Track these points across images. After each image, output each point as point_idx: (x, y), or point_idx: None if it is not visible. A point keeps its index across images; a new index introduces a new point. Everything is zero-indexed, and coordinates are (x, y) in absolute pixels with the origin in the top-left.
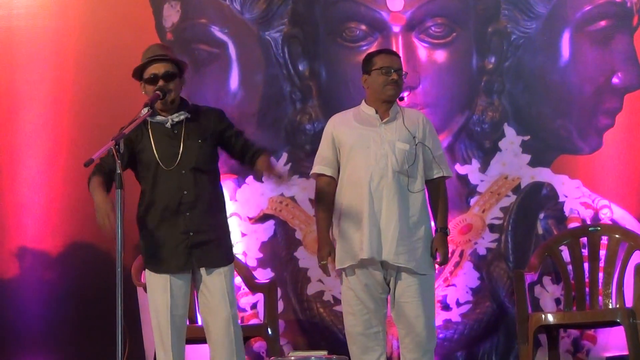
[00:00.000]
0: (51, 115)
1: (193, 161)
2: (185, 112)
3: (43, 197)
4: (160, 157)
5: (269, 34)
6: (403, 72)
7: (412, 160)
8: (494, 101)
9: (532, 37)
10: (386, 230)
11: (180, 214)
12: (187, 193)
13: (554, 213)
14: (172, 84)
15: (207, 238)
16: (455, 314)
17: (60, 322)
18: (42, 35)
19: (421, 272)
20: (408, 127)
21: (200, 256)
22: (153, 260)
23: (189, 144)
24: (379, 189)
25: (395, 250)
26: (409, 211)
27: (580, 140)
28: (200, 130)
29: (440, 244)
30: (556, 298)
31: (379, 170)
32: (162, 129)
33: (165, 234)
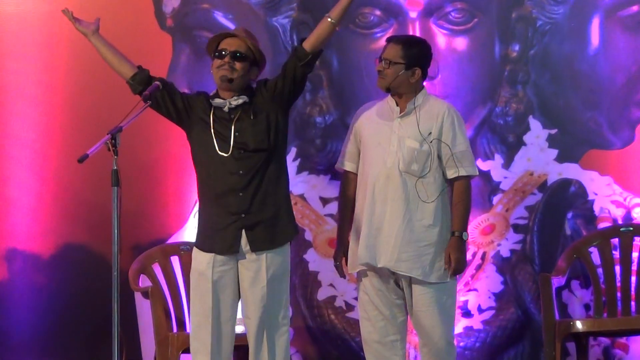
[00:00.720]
0: (42, 107)
1: (250, 142)
2: (246, 96)
3: (33, 195)
4: (218, 143)
5: (277, 20)
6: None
7: (422, 159)
8: (518, 92)
9: (560, 23)
10: (388, 234)
11: (233, 194)
12: (242, 173)
13: (583, 212)
14: (238, 64)
15: (259, 219)
16: (476, 321)
17: (53, 329)
18: (32, 22)
19: (430, 281)
20: (422, 122)
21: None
22: (202, 240)
23: (243, 125)
24: (384, 190)
25: (397, 257)
26: (417, 214)
27: (611, 134)
28: (255, 108)
29: (453, 249)
30: (585, 303)
31: (386, 170)
32: (221, 112)
33: (216, 213)
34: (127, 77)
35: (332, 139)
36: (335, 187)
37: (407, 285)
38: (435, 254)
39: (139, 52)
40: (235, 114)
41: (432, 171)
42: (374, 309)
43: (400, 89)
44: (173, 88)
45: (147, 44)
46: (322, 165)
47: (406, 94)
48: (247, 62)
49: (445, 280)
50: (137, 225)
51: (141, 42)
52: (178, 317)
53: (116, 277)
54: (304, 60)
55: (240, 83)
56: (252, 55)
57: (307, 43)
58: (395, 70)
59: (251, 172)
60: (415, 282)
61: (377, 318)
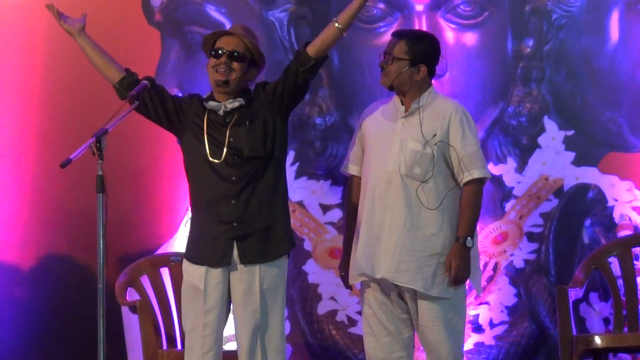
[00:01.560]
0: (21, 107)
1: (245, 149)
2: (242, 99)
3: (9, 202)
4: (210, 149)
5: (273, 14)
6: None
7: (425, 163)
8: (532, 91)
9: (576, 16)
10: (387, 243)
11: (225, 201)
12: (235, 179)
13: (602, 219)
14: (236, 64)
15: (252, 229)
16: (488, 337)
17: (34, 346)
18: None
19: (432, 294)
20: (426, 123)
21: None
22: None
23: (238, 131)
24: (384, 196)
25: (396, 267)
26: (419, 222)
27: (632, 135)
28: (251, 113)
29: (455, 256)
30: (605, 317)
31: (387, 174)
32: (215, 116)
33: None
34: (114, 82)
35: (333, 141)
36: (336, 193)
37: (411, 299)
38: (438, 265)
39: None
40: (230, 118)
41: (436, 175)
42: (378, 324)
43: (404, 87)
44: (163, 90)
45: (134, 40)
46: (322, 170)
47: (411, 93)
48: (245, 62)
49: (447, 294)
50: (125, 234)
51: (128, 38)
52: (168, 333)
53: (102, 290)
54: (307, 65)
55: (237, 85)
56: (251, 55)
57: (311, 48)
58: (399, 66)
59: (245, 179)
60: (420, 295)
61: (382, 333)
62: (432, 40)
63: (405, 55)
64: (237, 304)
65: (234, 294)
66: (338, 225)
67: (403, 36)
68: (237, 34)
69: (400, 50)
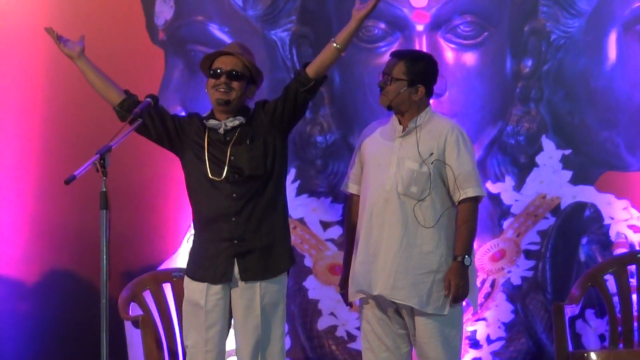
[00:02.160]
0: (26, 125)
1: (245, 168)
2: (242, 117)
3: (14, 217)
4: (210, 168)
5: (275, 34)
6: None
7: (421, 181)
8: (530, 110)
9: (575, 37)
10: (384, 261)
11: (226, 219)
12: (236, 196)
13: (599, 237)
14: (235, 84)
15: (252, 247)
16: (485, 353)
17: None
18: (17, 36)
19: (428, 311)
20: (422, 142)
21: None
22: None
23: (239, 150)
24: (382, 214)
25: (392, 285)
26: (416, 240)
27: (629, 155)
28: (252, 132)
29: (454, 275)
30: (600, 334)
31: (384, 193)
32: (216, 134)
33: (208, 239)
34: (115, 104)
35: (334, 159)
36: (336, 211)
37: (408, 315)
38: (434, 282)
39: (129, 67)
40: (231, 136)
41: (432, 194)
42: (377, 340)
43: (402, 107)
44: (163, 110)
45: (138, 58)
46: (323, 187)
47: (409, 112)
48: (244, 80)
49: (443, 311)
50: (127, 250)
51: (131, 57)
52: (170, 348)
53: (105, 305)
54: (307, 86)
55: (237, 103)
56: (249, 73)
57: (311, 69)
58: (397, 86)
59: (246, 196)
60: (417, 312)
61: (380, 349)
62: (429, 60)
63: (404, 75)
64: (238, 319)
65: (235, 310)
66: (338, 242)
67: (401, 57)
68: (235, 53)
69: (398, 71)
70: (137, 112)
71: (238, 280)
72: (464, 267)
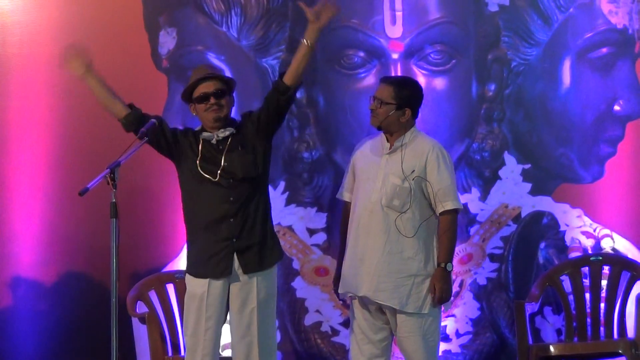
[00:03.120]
0: (44, 143)
1: (238, 171)
2: (232, 127)
3: (36, 225)
4: (204, 170)
5: (266, 61)
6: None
7: (403, 196)
8: (494, 129)
9: (533, 64)
10: (368, 265)
11: (225, 220)
12: (233, 200)
13: (555, 242)
14: (223, 100)
15: (250, 243)
16: (455, 345)
17: (54, 354)
18: (36, 63)
19: (408, 311)
20: (406, 160)
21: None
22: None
23: (231, 156)
24: (368, 224)
25: (376, 287)
26: (397, 247)
27: (581, 169)
28: (242, 140)
29: (437, 280)
30: (557, 329)
31: (370, 204)
32: (209, 144)
33: (208, 239)
34: (120, 117)
35: (319, 173)
36: (321, 219)
37: (390, 313)
38: (413, 285)
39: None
40: (224, 144)
41: (413, 207)
42: (361, 332)
43: (391, 128)
44: (163, 123)
45: (144, 84)
46: (309, 198)
47: (397, 132)
48: (227, 94)
49: (421, 310)
50: (135, 254)
51: (138, 82)
52: (173, 342)
53: (114, 303)
54: (285, 94)
55: (228, 116)
56: (226, 86)
57: (287, 77)
58: (386, 110)
59: (241, 199)
60: (398, 310)
61: (364, 341)
62: (415, 86)
63: (392, 100)
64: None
65: (232, 303)
66: (323, 247)
67: (390, 82)
68: (210, 76)
69: (387, 95)
70: (144, 131)
71: (239, 274)
72: (446, 272)
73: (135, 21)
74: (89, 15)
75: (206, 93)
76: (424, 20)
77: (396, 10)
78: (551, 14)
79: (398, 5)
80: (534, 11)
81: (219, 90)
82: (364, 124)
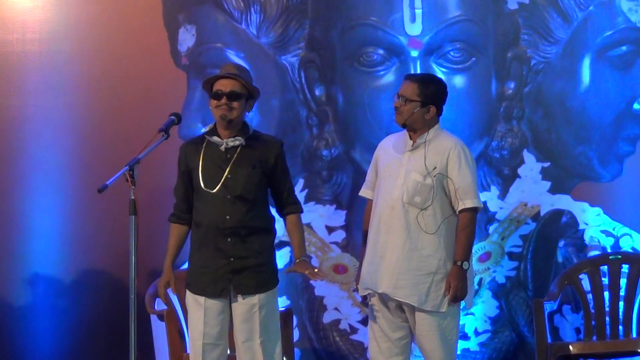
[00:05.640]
0: (64, 141)
1: (239, 188)
2: (243, 138)
3: (55, 223)
4: (205, 179)
5: (285, 59)
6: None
7: (425, 192)
8: (513, 127)
9: (552, 62)
10: (388, 262)
11: (222, 239)
12: (229, 218)
13: (574, 241)
14: (235, 104)
15: (247, 265)
16: (473, 343)
17: (73, 351)
18: (56, 61)
19: (427, 308)
20: (429, 157)
21: (237, 283)
22: (193, 281)
23: (238, 171)
24: (389, 220)
25: (395, 284)
26: (417, 244)
27: (600, 167)
28: (253, 158)
29: (453, 278)
30: (576, 327)
31: (392, 201)
32: (216, 150)
33: (206, 257)
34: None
35: (338, 171)
36: (340, 217)
37: (409, 311)
38: (432, 283)
39: (155, 89)
40: (232, 154)
41: (434, 204)
42: (380, 331)
43: (415, 125)
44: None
45: (163, 81)
46: (328, 196)
47: (421, 129)
48: (242, 99)
49: (440, 309)
50: (153, 251)
51: (158, 80)
52: None
53: (133, 300)
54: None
55: (239, 121)
56: (246, 91)
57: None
58: (411, 107)
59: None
60: (417, 308)
61: (383, 339)
62: (440, 83)
63: (417, 97)
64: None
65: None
66: (342, 245)
67: (415, 80)
68: (232, 76)
69: (412, 93)
70: (163, 127)
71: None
72: (462, 271)
73: (155, 19)
74: (108, 13)
75: (221, 91)
76: (444, 18)
77: (415, 8)
78: (571, 12)
79: (417, 3)
80: (553, 9)
81: (235, 92)
82: (383, 121)
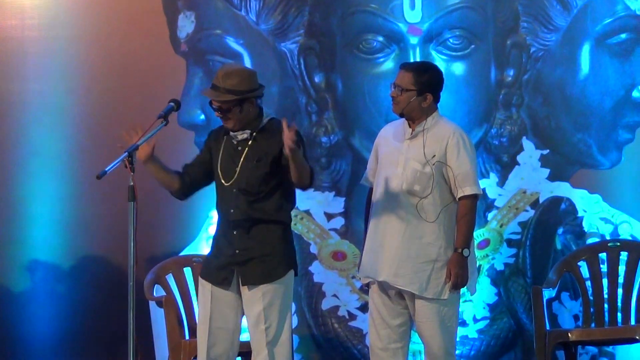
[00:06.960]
0: (63, 126)
1: (243, 182)
2: (251, 130)
3: (54, 209)
4: (222, 170)
5: (285, 45)
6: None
7: (424, 181)
8: (512, 114)
9: (552, 49)
10: (388, 251)
11: (230, 231)
12: (234, 212)
13: (573, 228)
14: (229, 114)
15: (251, 255)
16: (472, 330)
17: (72, 336)
18: (55, 46)
19: (427, 296)
20: (428, 145)
21: (242, 273)
22: (204, 266)
23: (244, 164)
24: (388, 208)
25: (395, 272)
26: (417, 232)
27: (600, 155)
28: (260, 151)
29: (453, 265)
30: (574, 314)
31: (391, 189)
32: (232, 143)
33: (219, 245)
34: (173, 190)
35: (337, 158)
36: (339, 204)
37: (409, 298)
38: (433, 271)
39: (155, 76)
40: (242, 147)
41: (434, 192)
42: (379, 318)
43: (413, 114)
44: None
45: (163, 67)
46: (327, 183)
47: (419, 118)
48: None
49: (440, 296)
50: (152, 238)
51: (157, 66)
52: (190, 325)
53: (132, 287)
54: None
55: (243, 122)
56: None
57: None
58: (407, 96)
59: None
60: (417, 295)
61: (382, 326)
62: (435, 70)
63: (413, 86)
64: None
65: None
66: (340, 232)
67: (409, 69)
68: (219, 88)
69: (408, 82)
70: (162, 114)
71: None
72: (463, 258)
73: (154, 5)
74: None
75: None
76: (443, 5)
77: None
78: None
79: None
80: None
81: (222, 107)
82: (382, 108)
